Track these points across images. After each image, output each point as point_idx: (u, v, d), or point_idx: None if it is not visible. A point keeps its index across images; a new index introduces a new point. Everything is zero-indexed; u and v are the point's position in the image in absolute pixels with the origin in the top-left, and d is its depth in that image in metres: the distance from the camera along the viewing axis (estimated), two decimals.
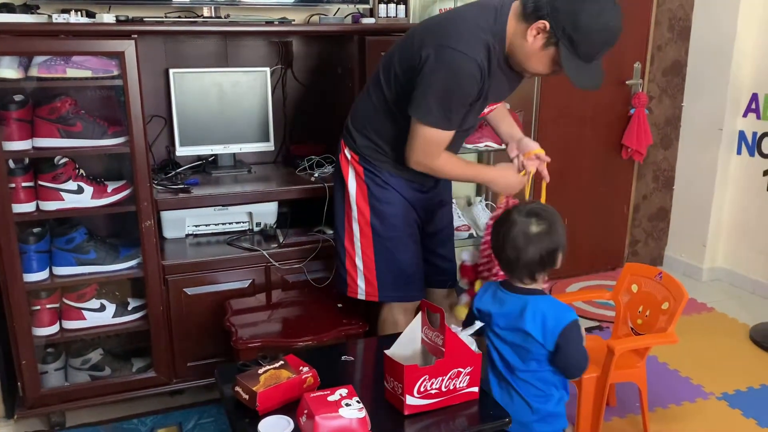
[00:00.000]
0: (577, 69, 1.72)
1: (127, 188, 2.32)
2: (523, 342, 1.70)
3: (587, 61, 1.72)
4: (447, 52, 1.77)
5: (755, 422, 2.43)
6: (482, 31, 1.79)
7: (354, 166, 2.08)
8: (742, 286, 3.65)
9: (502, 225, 1.71)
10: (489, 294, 1.80)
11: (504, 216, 1.73)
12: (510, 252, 1.69)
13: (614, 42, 1.71)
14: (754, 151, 3.50)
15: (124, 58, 2.12)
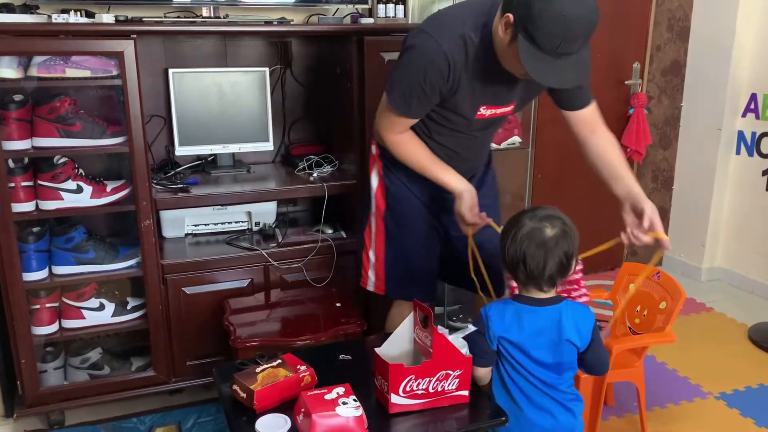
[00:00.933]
0: (537, 62, 1.56)
1: (126, 188, 2.33)
2: (561, 355, 1.64)
3: (553, 55, 1.54)
4: (420, 36, 1.75)
5: (753, 422, 2.43)
6: (463, 23, 1.72)
7: (376, 160, 2.09)
8: (740, 286, 3.65)
9: (517, 235, 1.60)
10: (510, 319, 1.64)
11: (515, 226, 1.62)
12: (531, 262, 1.58)
13: (575, 33, 1.51)
14: (753, 151, 3.50)
15: (123, 58, 2.13)
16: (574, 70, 1.60)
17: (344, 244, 2.59)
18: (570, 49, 1.54)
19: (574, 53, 1.55)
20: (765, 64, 3.35)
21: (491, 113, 1.89)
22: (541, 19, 1.51)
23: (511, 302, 1.67)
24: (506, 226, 1.66)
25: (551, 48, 1.53)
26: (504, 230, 1.66)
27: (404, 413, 1.57)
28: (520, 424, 1.68)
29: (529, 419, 1.67)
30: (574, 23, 1.50)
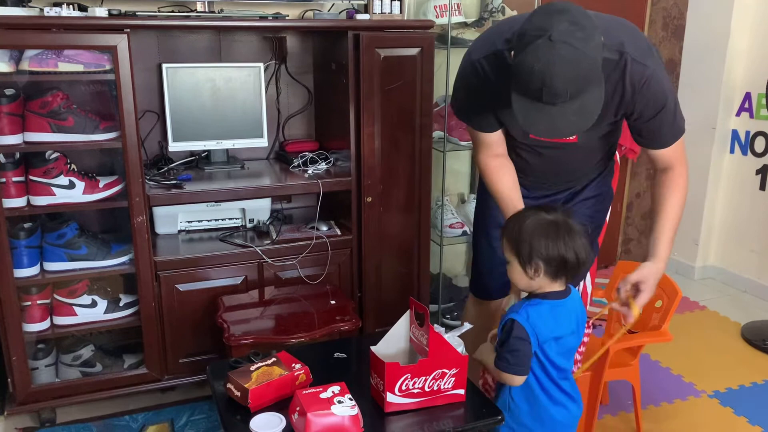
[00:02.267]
0: (526, 109, 1.49)
1: (119, 183, 2.31)
2: (578, 340, 1.66)
3: (539, 101, 1.45)
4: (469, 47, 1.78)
5: (746, 420, 2.44)
6: (500, 35, 1.67)
7: None
8: (734, 284, 3.66)
9: (558, 233, 1.53)
10: (548, 317, 1.58)
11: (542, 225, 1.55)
12: (581, 254, 1.54)
13: (547, 84, 1.41)
14: (747, 150, 3.51)
15: (116, 52, 2.11)
16: (572, 118, 1.48)
17: (339, 241, 2.57)
18: (558, 99, 1.43)
19: (568, 102, 1.44)
20: (759, 63, 3.36)
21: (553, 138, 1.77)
22: (517, 71, 1.46)
23: (540, 300, 1.59)
24: (525, 229, 1.56)
25: (537, 97, 1.45)
26: (528, 233, 1.55)
27: (400, 412, 1.56)
28: (542, 421, 1.66)
29: (551, 415, 1.65)
30: (547, 75, 1.40)
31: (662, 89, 1.64)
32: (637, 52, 1.60)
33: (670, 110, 1.67)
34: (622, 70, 1.60)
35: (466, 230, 3.00)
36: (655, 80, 1.62)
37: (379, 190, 2.57)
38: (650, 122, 1.69)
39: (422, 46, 2.49)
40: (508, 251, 1.60)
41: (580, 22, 1.42)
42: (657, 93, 1.63)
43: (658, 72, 1.63)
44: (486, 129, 1.82)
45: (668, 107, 1.66)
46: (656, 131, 1.71)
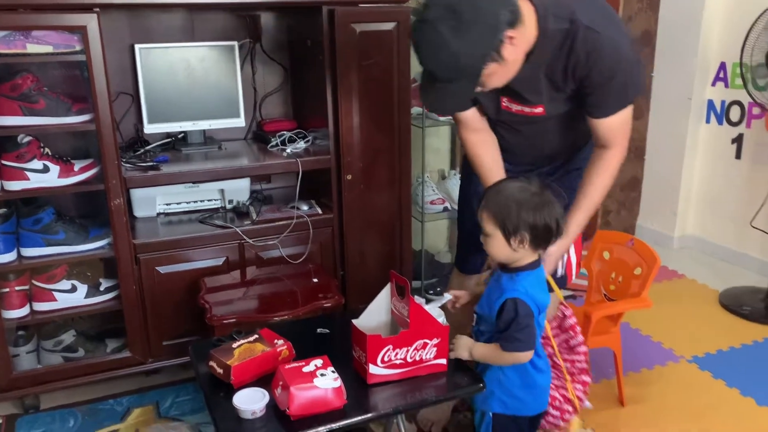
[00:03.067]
0: (423, 81, 1.59)
1: (94, 167, 2.28)
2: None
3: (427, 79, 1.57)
4: None
5: (724, 383, 2.49)
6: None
7: None
8: (711, 252, 3.71)
9: (542, 203, 1.54)
10: (536, 286, 1.61)
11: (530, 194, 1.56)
12: (554, 225, 1.56)
13: (420, 62, 1.53)
14: (723, 120, 3.55)
15: (86, 32, 2.07)
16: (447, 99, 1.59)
17: (320, 220, 2.57)
18: (430, 78, 1.54)
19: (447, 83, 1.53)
20: (733, 33, 3.37)
21: (519, 109, 1.80)
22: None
23: (525, 273, 1.60)
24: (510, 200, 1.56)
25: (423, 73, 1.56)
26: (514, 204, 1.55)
27: (383, 383, 1.58)
28: (531, 389, 1.68)
29: (537, 382, 1.68)
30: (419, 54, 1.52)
31: (617, 56, 1.61)
32: (589, 19, 1.59)
33: (620, 78, 1.63)
34: (573, 38, 1.59)
35: (447, 206, 3.01)
36: (609, 47, 1.59)
37: (358, 167, 2.57)
38: (599, 89, 1.65)
39: (398, 21, 2.47)
40: (489, 224, 1.57)
41: (460, 11, 1.43)
42: (609, 60, 1.60)
43: (615, 39, 1.60)
44: (458, 107, 1.83)
45: (619, 76, 1.63)
46: (601, 99, 1.67)
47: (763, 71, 2.83)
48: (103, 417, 2.31)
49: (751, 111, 3.38)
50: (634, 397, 2.39)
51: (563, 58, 1.61)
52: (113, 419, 2.30)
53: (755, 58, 2.85)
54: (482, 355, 1.64)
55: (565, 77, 1.65)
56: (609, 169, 1.77)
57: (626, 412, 2.33)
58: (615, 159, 1.77)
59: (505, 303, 1.57)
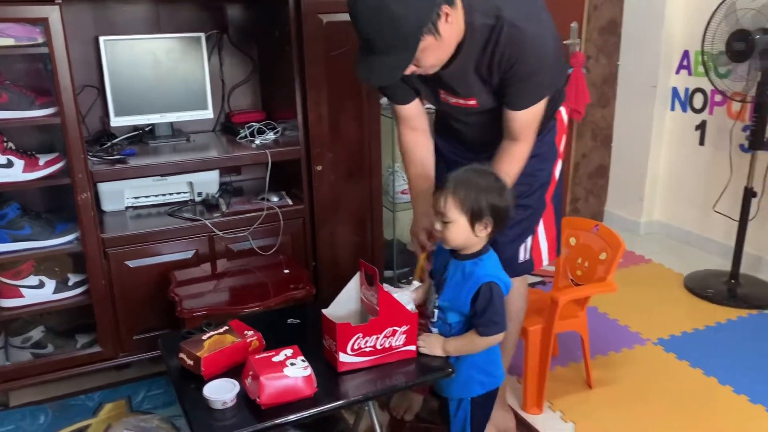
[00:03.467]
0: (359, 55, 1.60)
1: (60, 161, 2.25)
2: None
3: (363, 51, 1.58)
4: None
5: (688, 363, 2.56)
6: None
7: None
8: (677, 237, 3.80)
9: (503, 189, 1.61)
10: (498, 263, 1.69)
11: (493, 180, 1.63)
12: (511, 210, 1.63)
13: (356, 29, 1.54)
14: (687, 107, 3.62)
15: (48, 24, 2.04)
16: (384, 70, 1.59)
17: (291, 211, 2.57)
18: (366, 47, 1.55)
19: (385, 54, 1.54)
20: (695, 22, 3.43)
21: (455, 101, 1.84)
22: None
23: (489, 254, 1.67)
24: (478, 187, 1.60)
25: (359, 41, 1.57)
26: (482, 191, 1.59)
27: (353, 371, 1.59)
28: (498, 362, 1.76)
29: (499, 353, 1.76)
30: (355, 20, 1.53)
31: (538, 53, 1.65)
32: (514, 16, 1.62)
33: (539, 76, 1.69)
34: (498, 34, 1.63)
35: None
36: (531, 44, 1.63)
37: (328, 158, 2.57)
38: (518, 83, 1.69)
39: None
40: (454, 210, 1.59)
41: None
42: (531, 57, 1.64)
43: (537, 36, 1.64)
44: (399, 99, 1.89)
45: (538, 73, 1.68)
46: (519, 92, 1.72)
47: (724, 59, 2.89)
48: (74, 413, 2.30)
49: (713, 98, 3.46)
50: (602, 379, 2.45)
51: (489, 54, 1.66)
52: (84, 415, 2.29)
53: (716, 47, 2.92)
54: (456, 348, 1.67)
55: (490, 72, 1.70)
56: (517, 161, 1.82)
57: (594, 395, 2.38)
58: (522, 152, 1.82)
59: (480, 288, 1.60)
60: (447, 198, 1.60)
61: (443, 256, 1.71)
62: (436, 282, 1.72)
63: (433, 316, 1.71)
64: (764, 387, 2.39)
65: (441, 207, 1.61)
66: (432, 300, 1.72)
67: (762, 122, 2.92)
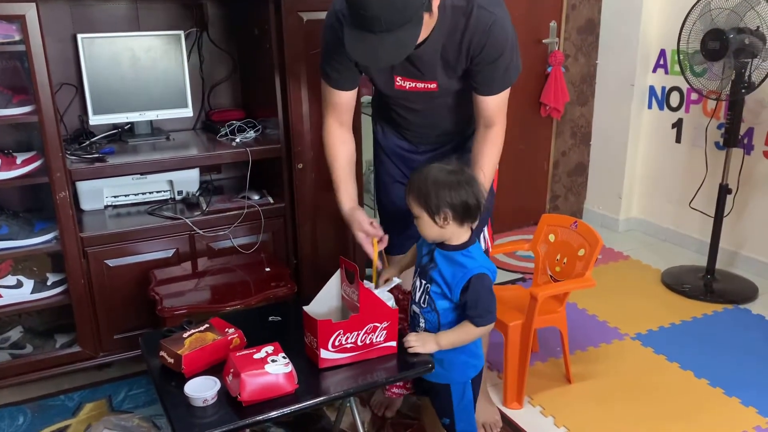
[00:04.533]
0: (352, 38, 1.54)
1: (37, 159, 2.23)
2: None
3: (362, 29, 1.51)
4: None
5: (665, 358, 2.60)
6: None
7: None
8: (654, 234, 3.85)
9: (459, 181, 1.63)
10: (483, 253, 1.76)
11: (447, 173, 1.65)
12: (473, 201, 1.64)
13: (362, 7, 1.47)
14: (664, 105, 3.67)
15: (25, 22, 2.02)
16: (390, 48, 1.54)
17: (272, 209, 2.57)
18: (371, 26, 1.49)
19: (386, 31, 1.50)
20: (672, 21, 3.48)
21: (412, 86, 1.83)
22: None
23: (476, 245, 1.71)
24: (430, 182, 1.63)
25: (356, 23, 1.51)
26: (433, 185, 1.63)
27: (334, 367, 1.60)
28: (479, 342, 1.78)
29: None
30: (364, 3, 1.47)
31: (504, 37, 1.71)
32: (485, 0, 1.68)
33: (506, 58, 1.74)
34: (469, 16, 1.67)
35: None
36: (499, 27, 1.69)
37: (310, 156, 2.57)
38: (487, 67, 1.74)
39: None
40: (416, 206, 1.65)
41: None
42: (499, 39, 1.70)
43: (503, 19, 1.71)
44: (342, 85, 1.86)
45: (505, 55, 1.73)
46: (489, 77, 1.76)
47: (699, 58, 2.94)
48: (54, 413, 2.28)
49: (689, 96, 3.51)
50: (581, 374, 2.48)
51: (459, 36, 1.69)
52: (64, 415, 2.27)
53: (691, 46, 2.96)
54: (451, 341, 1.68)
55: (458, 55, 1.73)
56: (496, 145, 1.86)
57: (573, 389, 2.41)
58: (499, 136, 1.86)
59: (471, 280, 1.63)
60: (408, 195, 1.67)
61: (428, 244, 1.74)
62: (421, 270, 1.74)
63: (424, 302, 1.72)
64: (739, 380, 2.43)
65: (408, 204, 1.67)
66: (418, 287, 1.73)
67: (736, 120, 2.97)
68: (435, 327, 1.71)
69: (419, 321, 1.74)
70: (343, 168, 1.95)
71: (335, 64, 1.82)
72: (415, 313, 1.75)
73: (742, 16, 2.78)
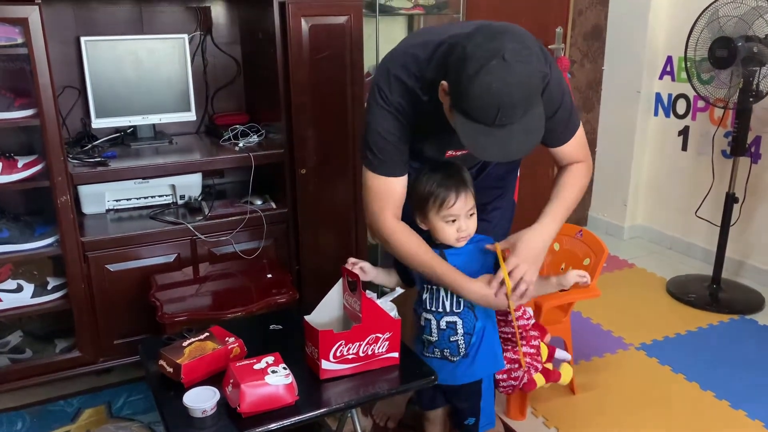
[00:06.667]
0: (477, 136, 1.45)
1: (39, 163, 2.22)
2: None
3: (493, 126, 1.43)
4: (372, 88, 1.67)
5: (670, 368, 2.57)
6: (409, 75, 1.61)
7: None
8: (660, 242, 3.82)
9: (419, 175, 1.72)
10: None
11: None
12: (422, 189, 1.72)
13: (511, 102, 1.39)
14: (670, 112, 3.64)
15: (27, 25, 2.01)
16: (521, 138, 1.46)
17: (274, 214, 2.55)
18: (511, 119, 1.42)
19: (516, 122, 1.43)
20: (679, 28, 3.46)
21: (463, 152, 1.79)
22: (471, 95, 1.40)
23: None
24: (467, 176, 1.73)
25: (489, 121, 1.42)
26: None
27: (335, 378, 1.58)
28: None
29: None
30: (505, 94, 1.38)
31: (560, 90, 1.66)
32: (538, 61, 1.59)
33: (566, 108, 1.69)
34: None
35: None
36: (553, 83, 1.62)
37: (312, 161, 2.56)
38: (549, 122, 1.62)
39: (350, 14, 2.47)
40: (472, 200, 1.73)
41: (523, 41, 1.43)
42: (555, 94, 1.64)
43: (555, 75, 1.64)
44: (394, 169, 1.68)
45: (564, 105, 1.68)
46: (554, 129, 1.69)
47: (706, 65, 2.91)
48: (53, 419, 2.26)
49: (696, 104, 3.48)
50: (585, 385, 2.45)
51: None
52: (63, 420, 2.26)
53: (699, 53, 2.94)
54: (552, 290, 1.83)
55: None
56: (582, 176, 1.82)
57: (577, 400, 2.38)
58: (585, 170, 1.84)
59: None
60: (467, 193, 1.70)
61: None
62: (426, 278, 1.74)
63: (458, 306, 1.74)
64: (745, 392, 2.40)
65: (468, 204, 1.70)
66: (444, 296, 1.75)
67: (744, 128, 2.95)
68: (471, 326, 1.75)
69: (432, 327, 1.77)
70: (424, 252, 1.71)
71: (382, 144, 1.65)
72: (427, 320, 1.77)
73: (751, 24, 2.76)
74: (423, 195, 1.70)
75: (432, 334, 1.78)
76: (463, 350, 1.77)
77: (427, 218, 1.72)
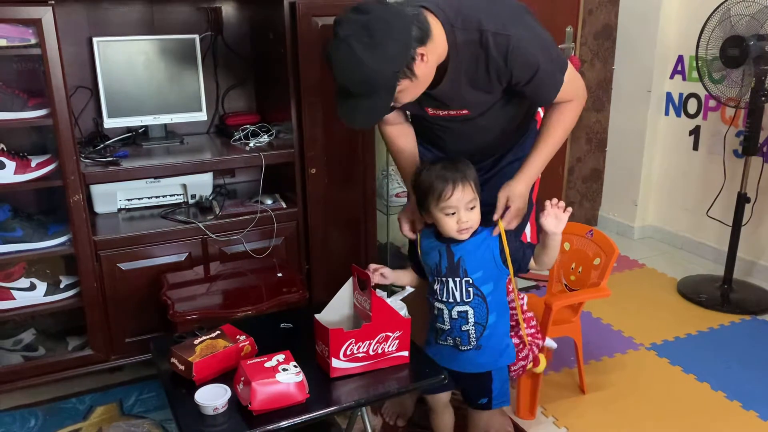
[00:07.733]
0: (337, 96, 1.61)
1: (52, 162, 2.24)
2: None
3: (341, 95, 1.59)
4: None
5: (681, 369, 2.56)
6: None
7: None
8: (670, 242, 3.80)
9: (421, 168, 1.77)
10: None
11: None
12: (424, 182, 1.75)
13: (336, 77, 1.54)
14: (681, 112, 3.62)
15: (41, 25, 2.03)
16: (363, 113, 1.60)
17: (284, 214, 2.56)
18: (344, 93, 1.55)
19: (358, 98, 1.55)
20: (690, 27, 3.45)
21: (446, 113, 1.84)
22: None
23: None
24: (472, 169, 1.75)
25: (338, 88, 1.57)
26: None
27: (346, 376, 1.59)
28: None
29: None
30: (334, 71, 1.53)
31: (532, 52, 1.65)
32: (496, 25, 1.62)
33: (545, 70, 1.68)
34: (486, 47, 1.63)
35: None
36: (522, 46, 1.63)
37: (323, 161, 2.57)
38: (529, 85, 1.70)
39: None
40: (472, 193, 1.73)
41: (373, 28, 1.47)
42: (527, 57, 1.65)
43: (525, 36, 1.64)
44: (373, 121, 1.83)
45: (542, 68, 1.68)
46: (537, 91, 1.74)
47: (718, 65, 2.90)
48: (65, 416, 2.28)
49: (707, 103, 3.47)
50: (595, 385, 2.44)
51: (483, 66, 1.66)
52: (75, 418, 2.28)
53: (710, 52, 2.92)
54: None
55: (489, 81, 1.70)
56: (569, 113, 1.82)
57: (588, 400, 2.38)
58: (573, 107, 1.82)
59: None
60: (465, 185, 1.70)
61: (432, 245, 1.79)
62: (449, 269, 1.76)
63: (468, 296, 1.76)
64: (757, 393, 2.39)
65: (467, 196, 1.70)
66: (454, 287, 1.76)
67: (755, 128, 2.93)
68: (484, 316, 1.76)
69: (444, 317, 1.80)
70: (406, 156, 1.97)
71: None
72: (440, 309, 1.80)
73: (763, 23, 2.74)
74: (423, 188, 1.73)
75: (444, 323, 1.81)
76: (474, 341, 1.79)
77: (428, 212, 1.75)
